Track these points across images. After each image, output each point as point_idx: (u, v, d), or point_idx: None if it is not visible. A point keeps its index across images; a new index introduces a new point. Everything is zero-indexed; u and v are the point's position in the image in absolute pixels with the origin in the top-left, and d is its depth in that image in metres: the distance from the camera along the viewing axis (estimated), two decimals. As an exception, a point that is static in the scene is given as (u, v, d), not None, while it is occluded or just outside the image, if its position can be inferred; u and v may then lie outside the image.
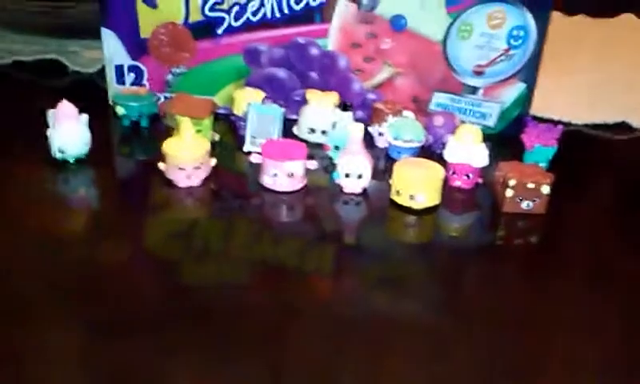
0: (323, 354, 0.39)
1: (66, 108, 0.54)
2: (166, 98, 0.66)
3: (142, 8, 0.63)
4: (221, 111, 0.66)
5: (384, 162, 0.61)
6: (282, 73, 0.65)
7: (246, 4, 0.62)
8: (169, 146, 0.54)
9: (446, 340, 0.41)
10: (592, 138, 0.70)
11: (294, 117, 0.65)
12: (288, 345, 0.40)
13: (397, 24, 0.62)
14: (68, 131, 0.55)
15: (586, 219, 0.55)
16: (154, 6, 0.62)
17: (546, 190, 0.52)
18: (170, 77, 0.66)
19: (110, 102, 0.67)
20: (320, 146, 0.62)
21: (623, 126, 0.71)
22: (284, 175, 0.54)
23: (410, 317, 0.42)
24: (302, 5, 0.62)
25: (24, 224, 0.50)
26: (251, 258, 0.48)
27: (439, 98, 0.65)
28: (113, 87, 0.67)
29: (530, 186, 0.52)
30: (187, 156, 0.53)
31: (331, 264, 0.48)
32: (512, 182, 0.52)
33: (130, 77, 0.66)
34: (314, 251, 0.49)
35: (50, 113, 0.55)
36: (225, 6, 0.62)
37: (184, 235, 0.50)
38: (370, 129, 0.64)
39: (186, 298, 0.43)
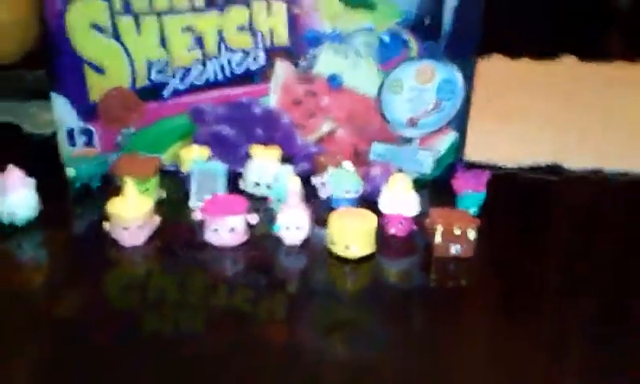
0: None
1: (13, 174, 0.57)
2: (117, 157, 0.69)
3: (90, 73, 0.66)
4: (171, 168, 0.69)
5: (326, 212, 0.64)
6: (227, 129, 0.68)
7: (190, 68, 0.65)
8: (112, 206, 0.56)
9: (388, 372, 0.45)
10: (525, 180, 0.73)
11: (241, 170, 0.68)
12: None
13: (333, 82, 0.65)
14: (16, 196, 0.57)
15: (513, 260, 0.58)
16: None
17: (472, 234, 0.55)
18: (120, 138, 0.69)
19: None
20: (265, 199, 0.64)
21: (555, 169, 0.75)
22: (225, 230, 0.57)
23: (359, 357, 0.47)
24: (242, 68, 0.65)
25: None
26: (193, 313, 0.50)
27: (378, 149, 0.68)
28: (64, 149, 0.69)
29: (457, 231, 0.55)
30: (129, 216, 0.55)
31: (270, 313, 0.51)
32: (439, 229, 0.55)
33: (81, 139, 0.68)
34: (254, 303, 0.52)
35: (-2, 178, 0.58)
36: (169, 72, 0.65)
37: (126, 290, 0.52)
38: (312, 180, 0.67)
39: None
